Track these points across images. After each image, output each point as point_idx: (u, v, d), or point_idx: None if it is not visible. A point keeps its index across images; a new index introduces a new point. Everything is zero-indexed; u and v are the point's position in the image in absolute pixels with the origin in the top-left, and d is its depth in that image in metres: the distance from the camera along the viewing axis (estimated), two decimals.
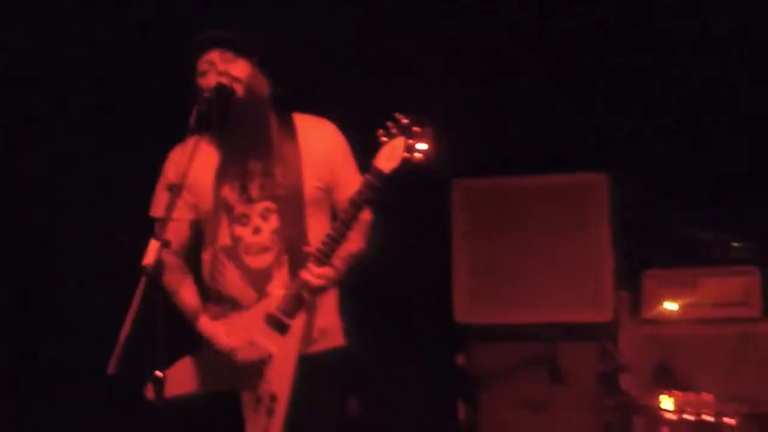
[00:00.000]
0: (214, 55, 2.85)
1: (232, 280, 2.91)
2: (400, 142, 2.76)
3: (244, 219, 2.92)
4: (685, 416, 3.30)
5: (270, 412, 2.81)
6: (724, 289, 4.50)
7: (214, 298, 2.94)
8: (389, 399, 4.64)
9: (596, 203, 4.46)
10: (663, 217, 4.77)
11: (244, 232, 2.91)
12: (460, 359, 4.61)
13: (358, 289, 3.16)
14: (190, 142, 2.70)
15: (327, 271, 2.79)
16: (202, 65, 2.87)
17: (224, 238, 2.92)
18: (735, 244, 4.70)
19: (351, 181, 2.89)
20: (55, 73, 4.58)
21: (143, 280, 2.33)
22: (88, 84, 4.65)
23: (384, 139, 2.78)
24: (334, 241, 2.78)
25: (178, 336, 2.70)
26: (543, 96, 4.82)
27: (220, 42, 2.88)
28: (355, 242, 2.94)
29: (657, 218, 4.75)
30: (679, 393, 3.43)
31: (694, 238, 4.71)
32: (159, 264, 2.38)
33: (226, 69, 2.83)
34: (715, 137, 4.72)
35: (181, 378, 2.86)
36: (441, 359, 4.69)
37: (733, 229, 4.74)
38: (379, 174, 2.75)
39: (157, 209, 2.84)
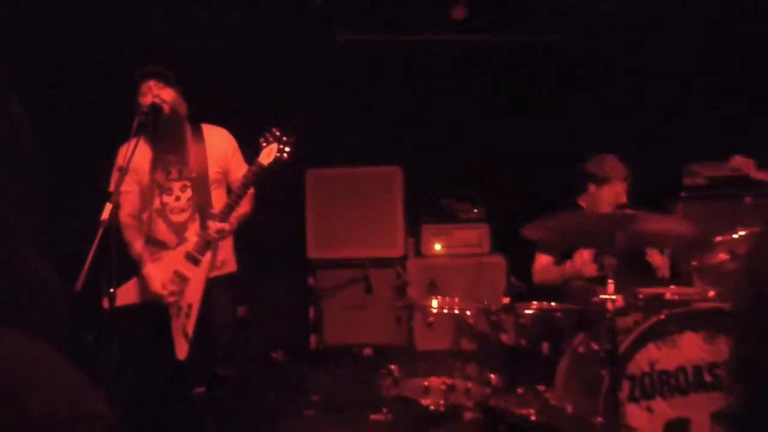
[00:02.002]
0: (152, 83, 3.03)
1: (162, 230, 3.11)
2: (274, 146, 3.02)
3: (169, 191, 3.11)
4: (444, 311, 3.36)
5: (187, 316, 3.01)
6: (468, 237, 4.93)
7: (150, 242, 3.13)
8: (266, 306, 4.78)
9: (394, 185, 4.92)
10: (434, 192, 5.07)
11: (169, 199, 3.10)
12: (310, 280, 4.92)
13: (250, 237, 3.39)
14: (133, 141, 2.84)
15: (225, 225, 3.04)
16: (142, 89, 3.03)
17: (156, 203, 3.10)
18: (475, 210, 5.02)
19: (239, 168, 3.14)
20: None
21: (101, 229, 2.54)
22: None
23: (264, 143, 3.04)
24: (230, 207, 3.03)
25: (127, 266, 3.06)
26: (359, 111, 4.93)
27: (156, 74, 3.04)
28: (244, 207, 3.16)
29: (430, 194, 5.07)
30: (441, 298, 3.47)
31: (451, 206, 5.02)
32: (111, 218, 2.58)
33: (159, 93, 3.00)
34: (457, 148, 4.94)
35: (127, 293, 3.04)
36: (298, 280, 4.94)
37: (472, 201, 5.04)
38: (260, 166, 3.02)
39: (111, 184, 2.97)
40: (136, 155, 2.88)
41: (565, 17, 4.72)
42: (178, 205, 3.08)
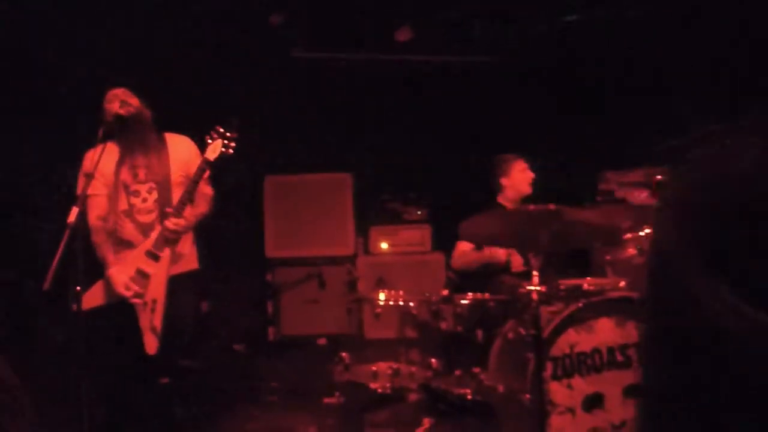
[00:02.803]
0: (119, 91, 2.95)
1: (129, 231, 2.99)
2: (219, 142, 2.95)
3: (136, 193, 3.00)
4: (391, 303, 3.36)
5: (153, 311, 2.91)
6: (411, 237, 4.97)
7: (118, 242, 3.01)
8: (227, 302, 4.74)
9: (344, 190, 4.94)
10: (381, 197, 5.09)
11: (136, 201, 3.00)
12: (269, 277, 4.88)
13: (212, 238, 3.37)
14: (99, 146, 2.79)
15: (180, 220, 2.92)
16: (109, 96, 2.93)
17: (123, 205, 2.99)
18: (419, 212, 5.04)
19: None
20: None
21: (67, 232, 2.51)
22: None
23: (209, 140, 2.97)
24: (182, 203, 2.92)
25: (96, 267, 2.97)
26: (313, 123, 4.95)
27: (123, 83, 2.99)
28: (201, 206, 3.08)
29: (378, 198, 5.07)
30: (387, 291, 3.44)
31: (397, 209, 5.04)
32: (78, 221, 2.56)
33: (126, 100, 2.92)
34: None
35: (94, 296, 2.94)
36: (258, 278, 4.91)
37: (416, 204, 5.06)
38: (206, 161, 2.94)
39: (79, 188, 2.89)
40: (103, 159, 2.83)
41: (497, 40, 4.87)
42: (146, 206, 3.00)
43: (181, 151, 3.12)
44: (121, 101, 2.91)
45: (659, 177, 4.17)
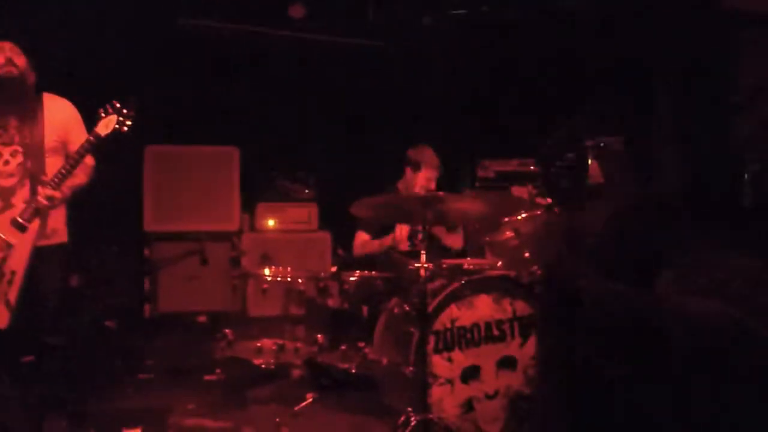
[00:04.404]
0: (7, 45, 2.78)
1: None
2: (113, 118, 2.82)
3: None
4: (278, 279, 3.35)
5: (9, 283, 2.74)
6: (298, 214, 4.89)
7: None
8: (101, 277, 4.46)
9: (231, 165, 4.72)
10: (269, 174, 4.96)
11: None
12: (147, 252, 4.63)
13: (87, 209, 3.15)
14: None
15: (55, 193, 2.79)
16: None
17: None
18: (306, 191, 4.90)
19: (79, 139, 2.88)
20: None
21: None
22: None
23: (103, 114, 2.83)
24: (63, 175, 2.79)
25: None
26: (205, 95, 4.74)
27: (11, 38, 2.81)
28: (79, 178, 2.94)
29: (266, 175, 4.95)
30: (273, 267, 3.45)
31: (285, 186, 4.94)
32: None
33: (12, 58, 2.75)
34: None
35: None
36: (136, 252, 4.67)
37: (304, 182, 4.92)
38: (97, 136, 2.81)
39: None
40: None
41: (392, 25, 4.89)
42: (6, 170, 2.82)
43: (57, 114, 2.96)
44: (6, 58, 2.74)
45: (532, 168, 4.46)
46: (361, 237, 3.86)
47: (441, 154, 3.99)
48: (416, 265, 2.79)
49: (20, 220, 2.78)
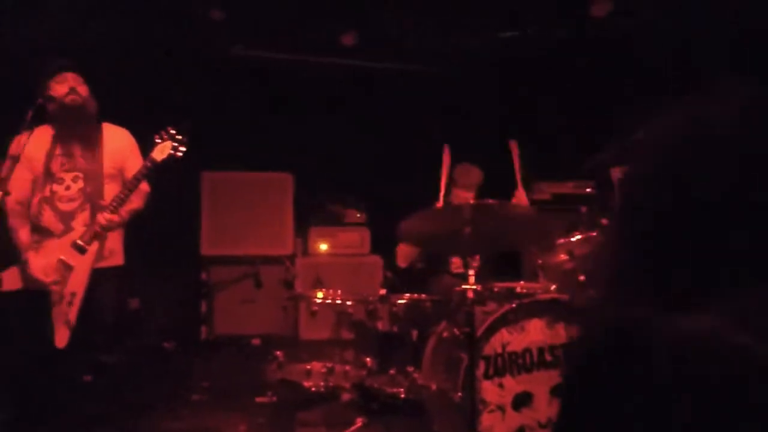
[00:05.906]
0: (70, 76, 2.87)
1: (48, 218, 2.89)
2: (168, 144, 2.88)
3: (60, 180, 2.90)
4: (328, 301, 3.30)
5: (70, 304, 2.79)
6: (350, 239, 4.92)
7: (36, 229, 2.92)
8: (160, 300, 4.58)
9: (285, 190, 4.87)
10: (321, 198, 5.03)
11: (59, 188, 2.90)
12: (203, 275, 4.77)
13: (147, 233, 3.25)
14: (33, 129, 2.76)
15: (114, 216, 2.86)
16: (58, 78, 2.85)
17: (45, 192, 2.90)
18: (358, 215, 5.03)
19: (135, 166, 2.96)
20: None
21: None
22: None
23: (158, 140, 2.90)
24: (121, 200, 2.86)
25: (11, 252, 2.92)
26: (258, 121, 4.86)
27: (74, 68, 2.92)
28: (136, 203, 3.01)
29: (318, 199, 5.02)
30: (325, 290, 3.39)
31: (337, 211, 5.00)
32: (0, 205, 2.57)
33: (76, 87, 2.87)
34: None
35: (12, 278, 2.87)
36: (193, 275, 4.78)
37: (355, 207, 5.04)
38: (153, 161, 2.88)
39: (2, 171, 2.80)
40: (32, 144, 2.78)
41: (436, 51, 4.91)
42: (68, 194, 2.89)
43: (115, 142, 3.04)
44: (70, 88, 2.83)
45: (588, 189, 4.29)
46: (403, 248, 3.79)
47: (490, 175, 3.88)
48: (464, 286, 2.69)
49: (80, 242, 2.84)
